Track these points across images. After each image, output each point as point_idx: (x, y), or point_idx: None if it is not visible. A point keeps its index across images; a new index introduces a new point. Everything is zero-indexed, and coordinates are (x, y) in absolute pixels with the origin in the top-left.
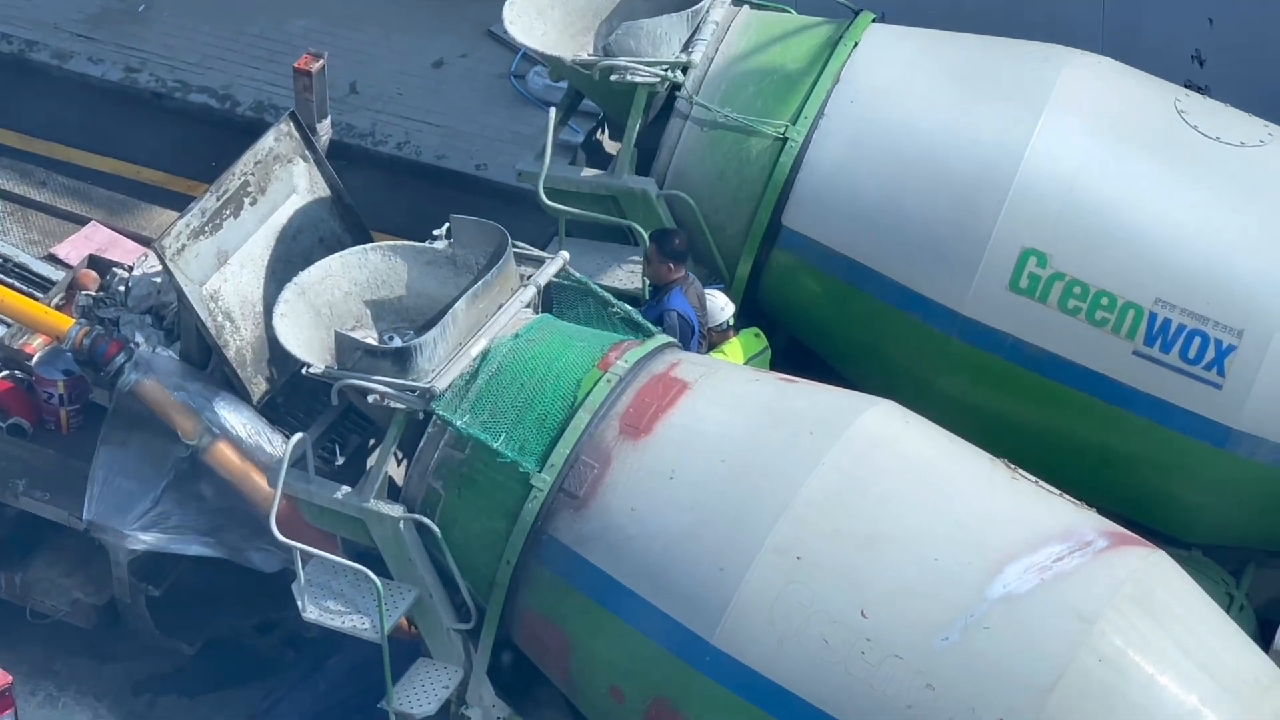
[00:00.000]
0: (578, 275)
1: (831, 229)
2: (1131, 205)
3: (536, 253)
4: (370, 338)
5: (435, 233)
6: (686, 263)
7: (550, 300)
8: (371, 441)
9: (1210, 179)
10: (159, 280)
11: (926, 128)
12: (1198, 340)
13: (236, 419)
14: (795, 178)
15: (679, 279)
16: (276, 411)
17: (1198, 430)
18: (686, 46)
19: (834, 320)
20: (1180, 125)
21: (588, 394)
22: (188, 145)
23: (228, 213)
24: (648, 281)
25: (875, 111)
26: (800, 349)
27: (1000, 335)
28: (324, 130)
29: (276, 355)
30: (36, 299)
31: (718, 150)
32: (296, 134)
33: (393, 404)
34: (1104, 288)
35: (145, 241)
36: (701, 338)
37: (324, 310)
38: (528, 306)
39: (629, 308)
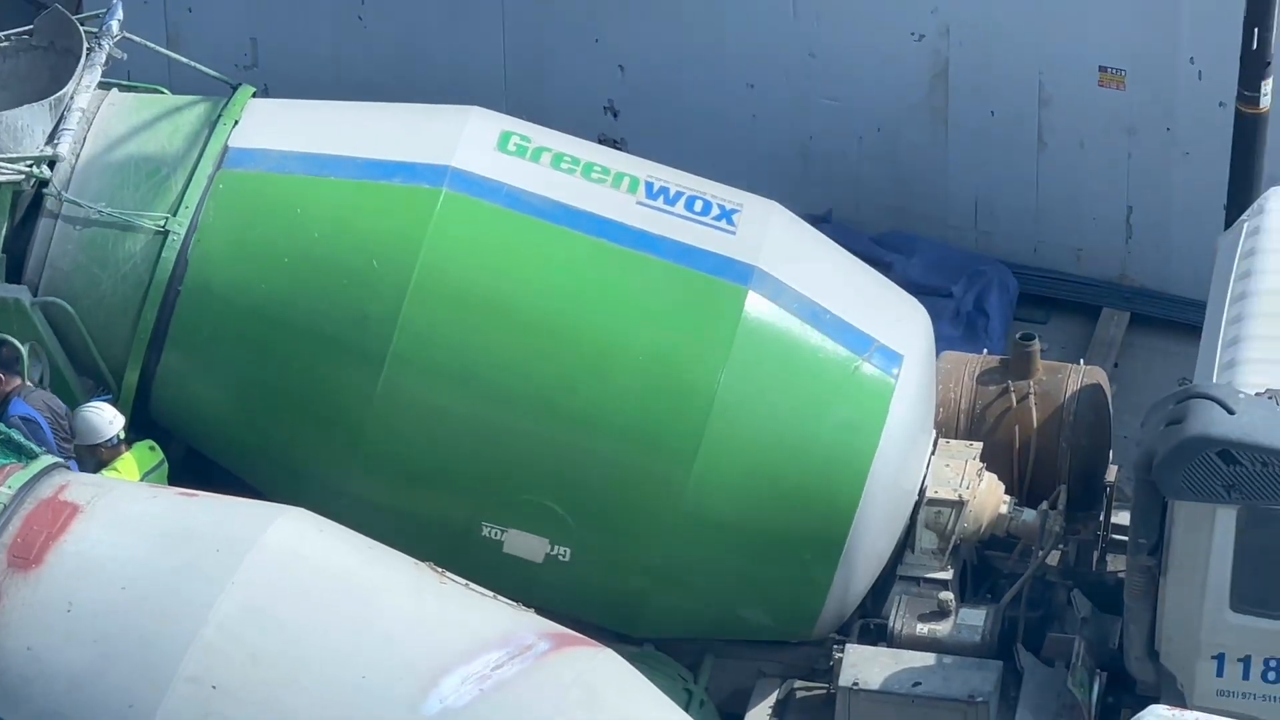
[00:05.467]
0: None
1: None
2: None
3: None
4: None
5: None
6: (19, 370)
7: None
8: None
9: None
10: None
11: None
12: (700, 202)
13: None
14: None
15: (15, 389)
16: None
17: (720, 269)
18: (52, 138)
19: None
20: None
21: None
22: None
23: None
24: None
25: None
26: (200, 459)
27: (496, 184)
28: None
29: None
30: None
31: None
32: None
33: None
34: (594, 160)
35: None
36: (65, 441)
37: None
38: None
39: (9, 429)
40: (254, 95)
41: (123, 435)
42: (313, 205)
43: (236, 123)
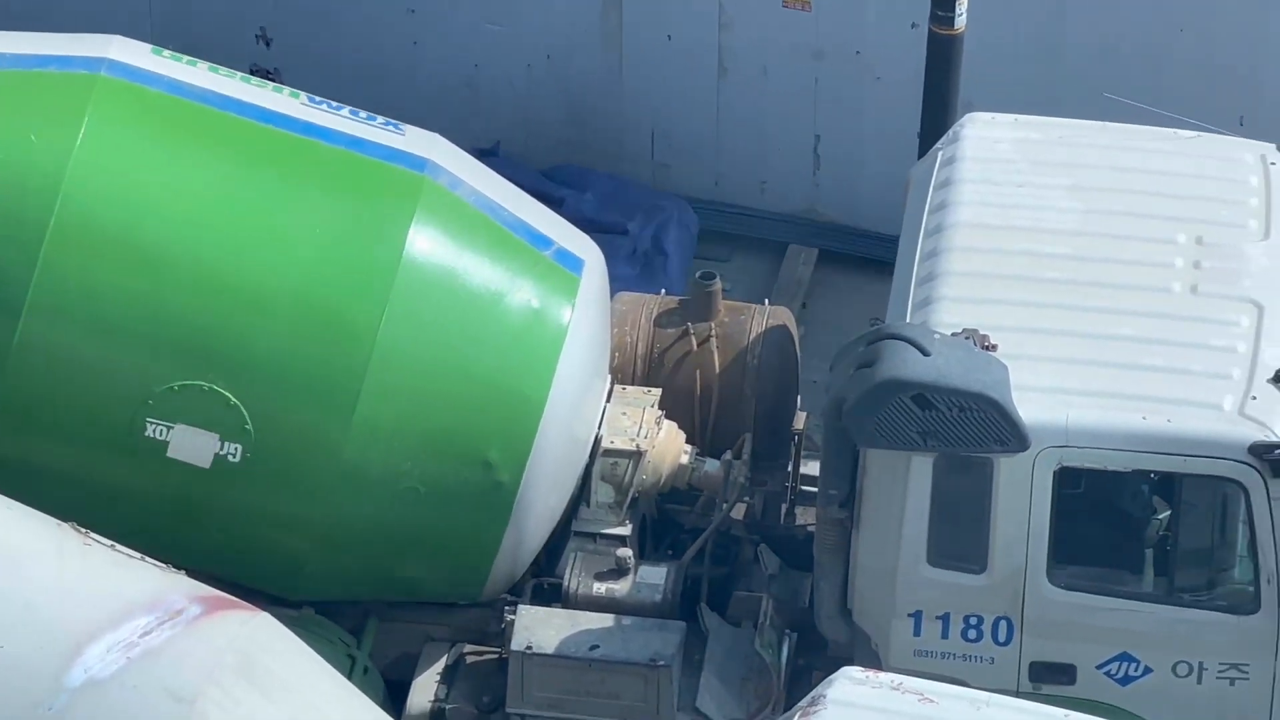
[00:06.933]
0: None
1: None
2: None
3: None
4: None
5: None
6: None
7: None
8: None
9: None
10: None
11: None
12: (364, 113)
13: None
14: None
15: None
16: None
17: (394, 158)
18: None
19: None
20: None
21: None
22: None
23: None
24: None
25: None
26: None
27: (156, 74)
28: None
29: None
30: None
31: None
32: None
33: None
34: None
35: None
36: None
37: None
38: None
39: None
40: None
41: None
42: None
43: None
